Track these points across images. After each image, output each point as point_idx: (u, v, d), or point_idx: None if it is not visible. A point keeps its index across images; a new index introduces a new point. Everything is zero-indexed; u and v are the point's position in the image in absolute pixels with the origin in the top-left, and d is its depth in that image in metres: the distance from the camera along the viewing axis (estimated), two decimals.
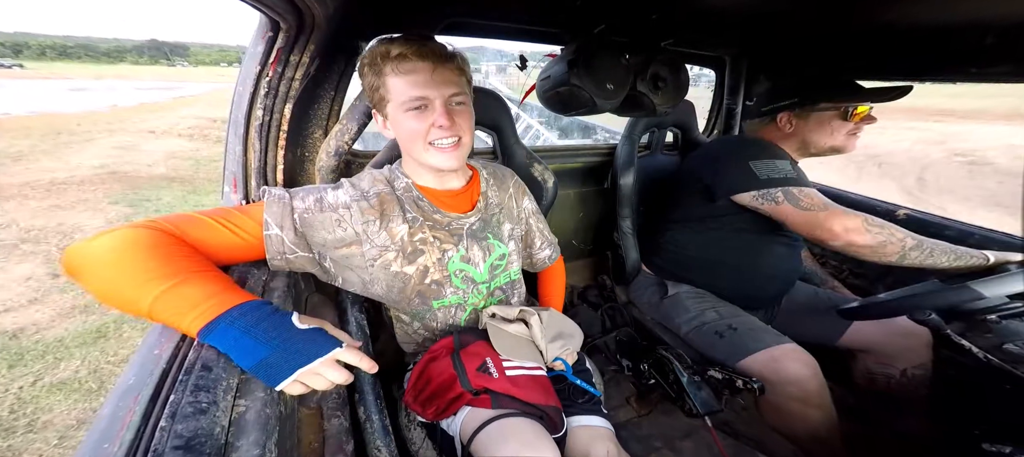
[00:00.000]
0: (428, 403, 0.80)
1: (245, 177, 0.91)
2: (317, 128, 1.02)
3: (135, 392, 0.46)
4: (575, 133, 6.28)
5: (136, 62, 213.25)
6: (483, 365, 0.79)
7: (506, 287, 0.97)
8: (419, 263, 0.83)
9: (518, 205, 1.01)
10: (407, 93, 0.73)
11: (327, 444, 0.72)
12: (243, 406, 0.50)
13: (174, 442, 0.41)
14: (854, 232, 0.91)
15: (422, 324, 0.91)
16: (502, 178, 0.99)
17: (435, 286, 0.86)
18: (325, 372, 0.56)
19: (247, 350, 0.52)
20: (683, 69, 1.26)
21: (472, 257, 0.89)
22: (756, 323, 1.14)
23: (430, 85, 0.73)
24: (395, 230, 0.80)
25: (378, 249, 0.78)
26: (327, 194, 0.76)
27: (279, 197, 0.72)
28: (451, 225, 0.86)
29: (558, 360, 0.89)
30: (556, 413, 0.78)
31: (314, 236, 0.73)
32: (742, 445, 1.11)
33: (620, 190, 1.43)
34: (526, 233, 1.05)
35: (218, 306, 0.54)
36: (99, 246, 0.55)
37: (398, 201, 0.82)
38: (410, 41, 0.73)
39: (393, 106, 0.76)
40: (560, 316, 1.00)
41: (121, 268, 0.54)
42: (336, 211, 0.75)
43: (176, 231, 0.61)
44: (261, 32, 0.81)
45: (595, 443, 0.80)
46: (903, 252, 0.90)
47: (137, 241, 0.56)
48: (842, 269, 1.59)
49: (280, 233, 0.69)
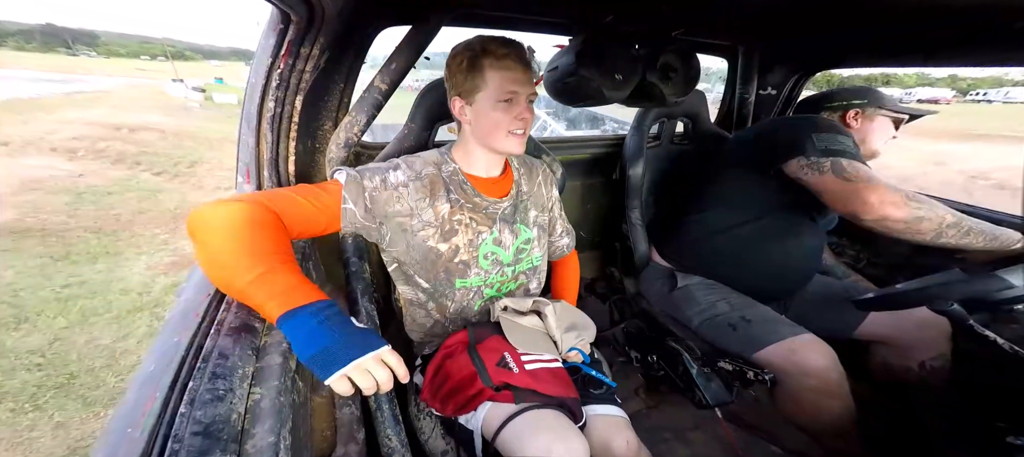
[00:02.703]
0: (447, 400, 0.81)
1: (258, 168, 0.93)
2: (327, 120, 1.03)
3: (156, 379, 0.48)
4: (583, 124, 6.23)
5: (21, 48, 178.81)
6: (502, 360, 0.81)
7: (528, 272, 1.01)
8: (452, 242, 0.89)
9: (546, 193, 1.06)
10: (504, 87, 0.82)
11: (339, 432, 0.74)
12: (258, 394, 0.51)
13: (193, 428, 0.42)
14: (891, 205, 0.87)
15: (437, 305, 0.94)
16: (531, 167, 1.05)
17: (462, 266, 0.90)
18: (373, 368, 0.59)
19: (316, 338, 0.57)
20: (694, 59, 1.24)
21: (503, 240, 0.94)
22: (771, 314, 1.12)
23: (520, 83, 0.83)
24: (439, 208, 0.87)
25: (423, 223, 0.86)
26: (389, 175, 0.85)
27: (354, 178, 0.82)
28: (488, 209, 0.92)
29: (573, 350, 0.90)
30: (575, 404, 0.80)
31: (378, 210, 0.83)
32: (753, 437, 1.11)
33: (629, 181, 1.42)
34: (549, 221, 1.08)
35: (301, 297, 0.59)
36: (217, 216, 0.63)
37: (444, 183, 0.89)
38: (509, 43, 0.82)
39: (485, 96, 0.83)
40: (572, 308, 1.01)
41: (229, 248, 0.61)
42: (396, 189, 0.84)
43: (274, 208, 0.69)
44: (272, 25, 0.82)
45: (614, 433, 0.83)
46: (940, 229, 0.86)
47: (248, 219, 0.63)
48: (860, 259, 1.56)
49: (354, 208, 0.81)
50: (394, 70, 0.94)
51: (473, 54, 0.81)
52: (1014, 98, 48.44)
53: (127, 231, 4.74)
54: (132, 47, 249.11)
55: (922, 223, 0.86)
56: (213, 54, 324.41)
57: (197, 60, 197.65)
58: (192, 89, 23.82)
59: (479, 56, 0.81)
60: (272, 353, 0.58)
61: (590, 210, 1.74)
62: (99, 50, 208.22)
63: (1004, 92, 54.56)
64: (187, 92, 22.98)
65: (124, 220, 5.02)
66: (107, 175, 6.67)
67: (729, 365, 1.05)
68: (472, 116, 0.86)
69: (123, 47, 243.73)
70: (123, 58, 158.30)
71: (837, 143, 0.98)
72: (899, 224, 0.88)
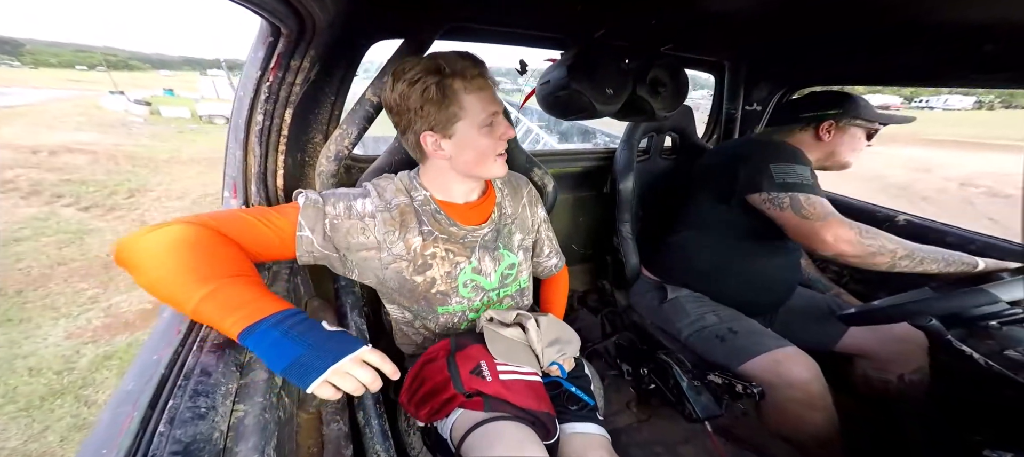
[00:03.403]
0: (421, 404, 0.80)
1: (245, 182, 0.92)
2: (317, 133, 1.02)
3: (134, 398, 0.46)
4: (575, 137, 6.29)
5: None
6: (477, 368, 0.80)
7: (516, 295, 0.98)
8: (427, 275, 0.85)
9: (532, 215, 1.02)
10: (485, 110, 0.76)
11: (326, 449, 0.72)
12: (242, 411, 0.50)
13: (172, 447, 0.41)
14: (845, 242, 0.94)
15: (423, 324, 0.92)
16: (516, 187, 1.00)
17: (441, 295, 0.88)
18: (354, 370, 0.57)
19: (284, 350, 0.54)
20: (682, 74, 1.26)
21: (483, 268, 0.90)
22: (756, 327, 1.14)
23: (495, 101, 0.77)
24: (410, 241, 0.82)
25: (393, 257, 0.82)
26: (355, 203, 0.79)
27: (314, 202, 0.75)
28: (466, 238, 0.87)
29: (554, 365, 0.89)
30: (548, 419, 0.78)
31: (340, 240, 0.77)
32: (742, 450, 1.11)
33: (620, 195, 1.44)
34: (535, 242, 1.06)
35: (259, 311, 0.56)
36: (150, 243, 0.58)
37: (416, 213, 0.83)
38: (469, 58, 0.74)
39: (467, 124, 0.76)
40: (558, 322, 1.00)
41: (170, 267, 0.56)
42: (362, 220, 0.78)
43: (220, 228, 0.64)
44: (262, 37, 0.82)
45: (589, 452, 0.80)
46: (893, 262, 0.93)
47: (185, 239, 0.59)
48: (842, 275, 1.59)
49: (310, 236, 0.74)
50: (385, 83, 0.94)
51: (440, 79, 0.72)
52: (952, 105, 53.38)
53: (39, 289, 3.71)
54: (66, 56, 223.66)
55: (875, 257, 0.93)
56: (163, 63, 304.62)
57: (144, 70, 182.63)
58: (134, 102, 21.54)
59: (447, 80, 0.73)
60: (257, 369, 0.57)
61: (581, 223, 1.75)
62: (23, 59, 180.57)
63: (943, 99, 58.56)
64: (128, 105, 20.67)
65: (35, 275, 3.95)
66: (14, 214, 5.06)
67: (718, 378, 1.05)
68: (452, 149, 0.78)
69: (55, 56, 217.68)
70: (54, 69, 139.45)
71: (794, 175, 1.02)
72: (854, 259, 0.94)
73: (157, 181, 7.73)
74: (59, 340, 3.11)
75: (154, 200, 6.76)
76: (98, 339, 3.10)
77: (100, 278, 4.00)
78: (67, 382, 2.66)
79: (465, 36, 1.13)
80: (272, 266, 0.83)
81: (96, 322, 3.31)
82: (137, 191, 7.15)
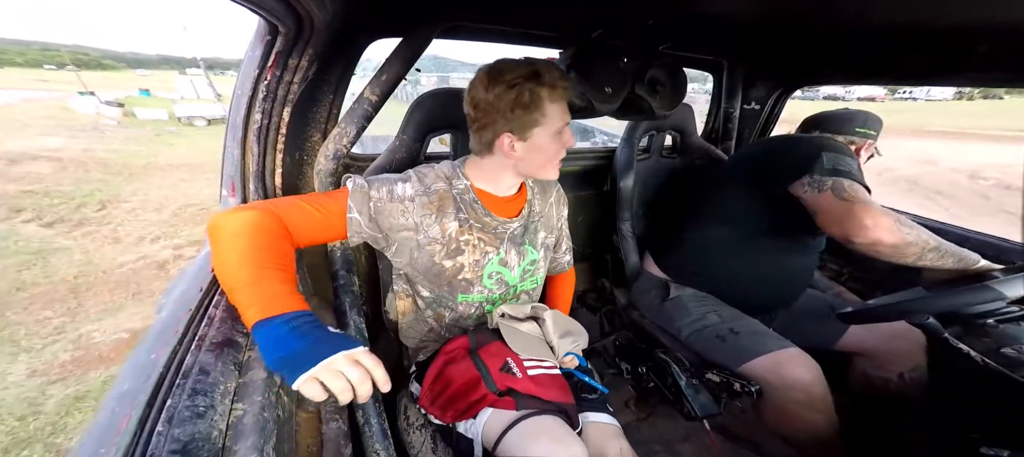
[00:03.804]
0: (447, 406, 0.81)
1: (243, 181, 0.91)
2: (316, 131, 1.02)
3: (131, 397, 0.46)
4: (574, 136, 6.29)
5: None
6: (506, 365, 0.82)
7: (531, 291, 1.01)
8: (457, 260, 0.87)
9: (557, 214, 1.05)
10: (562, 119, 0.80)
11: (325, 448, 0.72)
12: (241, 410, 0.49)
13: (171, 446, 0.41)
14: (884, 229, 0.89)
15: (434, 313, 0.94)
16: (545, 187, 1.02)
17: (465, 283, 0.90)
18: (345, 368, 0.56)
19: (284, 343, 0.56)
20: (681, 73, 1.27)
21: (509, 261, 0.93)
22: (758, 327, 1.14)
23: (568, 111, 0.82)
24: (446, 225, 0.85)
25: (429, 240, 0.85)
26: (396, 187, 0.83)
27: (361, 186, 0.81)
28: (498, 229, 0.90)
29: (570, 355, 0.91)
30: (573, 410, 0.81)
31: (383, 221, 0.82)
32: (740, 448, 1.11)
33: (620, 193, 1.44)
34: (556, 241, 1.08)
35: (280, 307, 0.59)
36: (229, 224, 0.65)
37: (454, 200, 0.86)
38: (556, 68, 0.78)
39: (543, 131, 0.79)
40: (565, 316, 1.01)
41: (233, 253, 0.63)
42: (403, 202, 0.83)
43: (282, 215, 0.71)
44: (259, 36, 0.81)
45: (608, 441, 0.83)
46: (921, 254, 0.90)
47: (254, 227, 0.66)
48: (842, 273, 1.60)
49: (359, 218, 0.80)
50: (384, 81, 0.94)
51: (532, 87, 0.75)
52: (934, 96, 53.97)
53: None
54: (32, 55, 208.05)
55: (909, 247, 0.90)
56: (139, 62, 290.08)
57: (119, 69, 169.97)
58: (105, 103, 19.24)
59: (537, 88, 0.75)
60: (256, 368, 0.57)
61: (581, 222, 1.75)
62: None
63: (926, 91, 59.32)
64: (99, 107, 18.77)
65: None
66: None
67: (717, 377, 1.06)
68: (524, 151, 0.81)
69: (21, 55, 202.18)
70: (20, 68, 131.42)
71: (844, 164, 0.99)
72: (887, 249, 0.90)
73: (132, 190, 6.95)
74: (20, 379, 2.62)
75: (129, 212, 5.88)
76: (67, 377, 2.64)
77: (67, 304, 3.48)
78: (34, 429, 2.25)
79: (464, 35, 1.13)
80: None
81: (64, 356, 2.82)
82: (110, 202, 6.30)
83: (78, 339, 3.03)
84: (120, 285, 3.96)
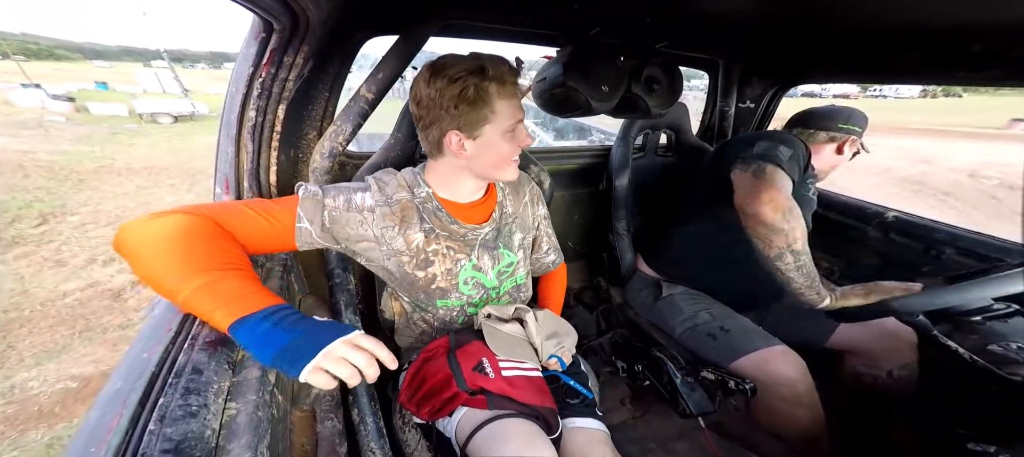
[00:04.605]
0: (423, 403, 0.80)
1: (237, 178, 0.91)
2: (311, 129, 1.02)
3: (123, 396, 0.46)
4: (570, 134, 6.28)
5: None
6: (479, 365, 0.80)
7: (513, 291, 0.99)
8: (428, 271, 0.85)
9: (533, 213, 1.02)
10: (514, 116, 0.76)
11: (320, 446, 0.72)
12: (234, 409, 0.49)
13: (163, 446, 0.40)
14: (771, 206, 0.92)
15: (421, 316, 0.93)
16: (518, 186, 0.99)
17: (440, 291, 0.88)
18: (348, 354, 0.56)
19: (273, 339, 0.53)
20: (677, 71, 1.27)
21: (483, 266, 0.91)
22: (748, 325, 1.15)
23: (521, 108, 0.78)
24: (411, 237, 0.82)
25: (393, 251, 0.82)
26: (355, 196, 0.79)
27: (313, 194, 0.76)
28: (467, 236, 0.87)
29: (553, 358, 0.90)
30: (551, 414, 0.78)
31: (339, 231, 0.78)
32: (735, 446, 1.12)
33: (615, 192, 1.44)
34: (535, 240, 1.06)
35: (250, 305, 0.56)
36: (151, 230, 0.58)
37: (417, 210, 0.83)
38: (507, 62, 0.75)
39: (494, 128, 0.76)
40: (555, 316, 1.00)
41: (166, 257, 0.56)
42: (361, 213, 0.79)
43: (219, 219, 0.64)
44: (254, 33, 0.81)
45: (591, 447, 0.80)
46: (782, 252, 0.94)
47: (186, 229, 0.59)
48: (833, 271, 1.61)
49: (309, 227, 0.75)
50: (380, 80, 0.94)
51: (477, 81, 0.72)
52: (903, 94, 55.67)
53: None
54: None
55: (776, 236, 0.93)
56: (97, 54, 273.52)
57: (74, 60, 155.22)
58: (52, 97, 17.13)
59: (483, 82, 0.72)
60: (250, 367, 0.57)
61: (577, 220, 1.75)
62: None
63: (895, 89, 60.78)
64: (45, 101, 16.74)
65: None
66: None
67: (711, 375, 1.06)
68: (474, 150, 0.77)
69: None
70: None
71: (775, 151, 1.02)
72: (763, 228, 0.94)
73: (81, 200, 5.69)
74: None
75: (76, 228, 4.80)
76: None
77: None
78: None
79: (460, 33, 1.12)
80: (265, 263, 0.83)
81: None
82: (52, 215, 5.14)
83: (9, 391, 2.46)
84: (63, 320, 3.24)
